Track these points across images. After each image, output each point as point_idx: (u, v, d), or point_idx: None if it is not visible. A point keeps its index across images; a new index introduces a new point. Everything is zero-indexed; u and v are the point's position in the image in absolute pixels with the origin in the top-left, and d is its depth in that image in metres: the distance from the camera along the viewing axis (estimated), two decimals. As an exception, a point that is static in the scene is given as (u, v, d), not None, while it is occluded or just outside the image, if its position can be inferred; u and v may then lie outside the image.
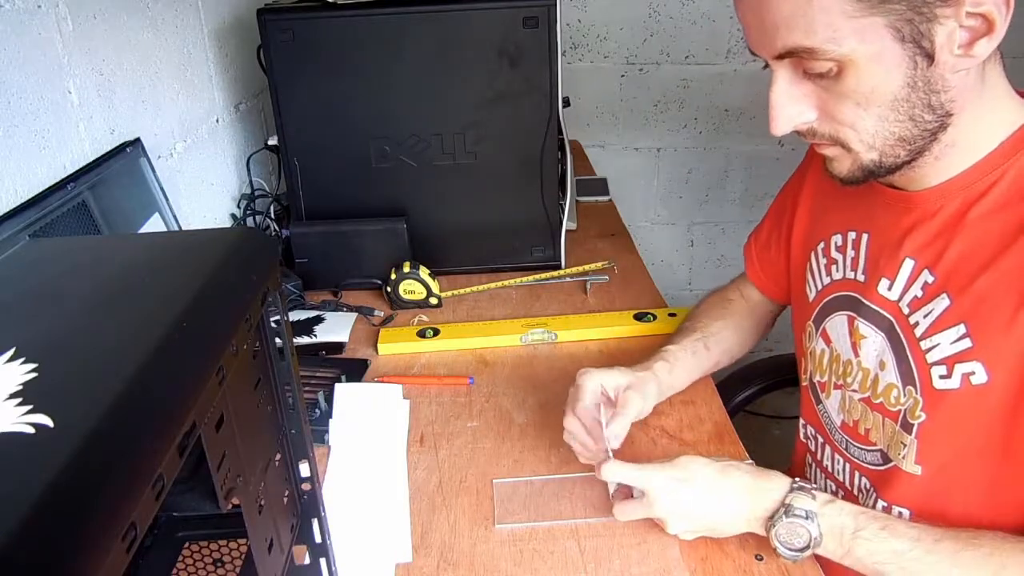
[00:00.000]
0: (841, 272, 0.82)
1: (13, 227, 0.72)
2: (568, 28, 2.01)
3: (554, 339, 1.10)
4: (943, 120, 0.65)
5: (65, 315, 0.40)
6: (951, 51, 0.61)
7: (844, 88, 0.64)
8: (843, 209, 0.82)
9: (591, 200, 1.62)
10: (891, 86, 0.63)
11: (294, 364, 0.53)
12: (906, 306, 0.73)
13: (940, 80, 0.63)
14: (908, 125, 0.65)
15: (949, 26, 0.60)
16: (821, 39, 0.61)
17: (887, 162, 0.68)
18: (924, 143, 0.66)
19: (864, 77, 0.62)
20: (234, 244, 0.49)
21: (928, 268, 0.71)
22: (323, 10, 1.13)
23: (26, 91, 0.79)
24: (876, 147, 0.67)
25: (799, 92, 0.66)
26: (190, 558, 0.60)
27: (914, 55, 0.61)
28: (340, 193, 1.24)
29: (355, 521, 0.78)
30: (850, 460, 0.84)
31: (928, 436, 0.72)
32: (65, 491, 0.27)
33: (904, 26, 0.60)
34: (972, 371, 0.67)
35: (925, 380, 0.71)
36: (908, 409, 0.73)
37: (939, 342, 0.70)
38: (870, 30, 0.60)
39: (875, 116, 0.65)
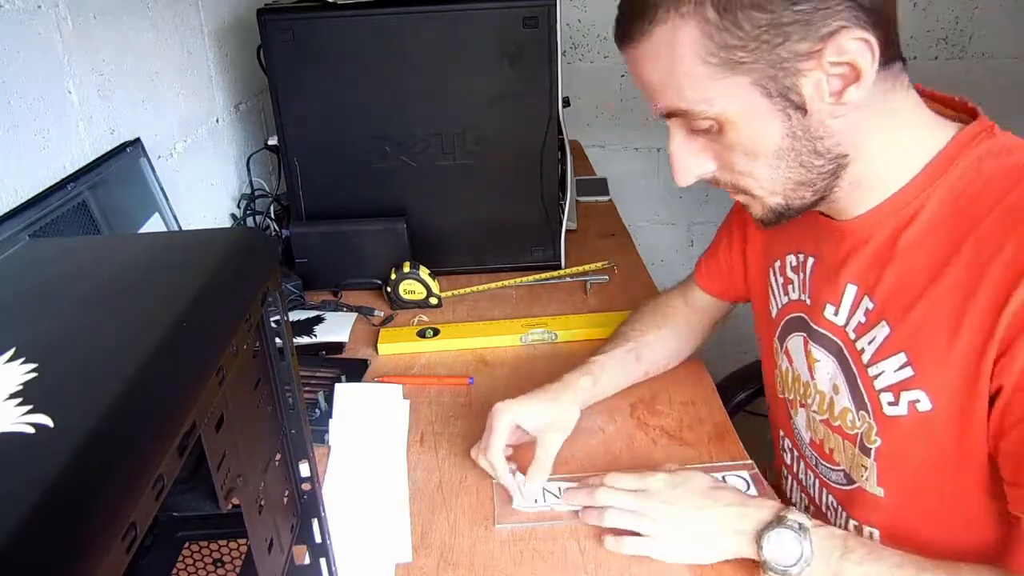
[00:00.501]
0: (796, 293, 0.81)
1: (13, 227, 0.72)
2: (568, 28, 2.01)
3: (554, 339, 1.10)
4: (838, 162, 0.65)
5: (65, 315, 0.40)
6: (822, 100, 0.61)
7: (729, 142, 0.65)
8: (794, 230, 0.80)
9: (591, 200, 1.62)
10: (772, 138, 0.63)
11: (294, 364, 0.53)
12: (852, 331, 0.72)
13: (820, 127, 0.63)
14: (801, 171, 0.65)
15: (815, 77, 0.60)
16: (692, 101, 0.63)
17: (795, 204, 0.68)
18: (825, 183, 0.67)
19: (743, 132, 0.64)
20: (234, 244, 0.49)
21: (868, 294, 0.71)
22: (323, 10, 1.13)
23: (26, 91, 0.79)
24: (778, 192, 0.67)
25: (695, 146, 0.68)
26: (190, 558, 0.60)
27: (785, 108, 0.62)
28: (340, 193, 1.24)
29: (355, 521, 0.78)
30: (819, 477, 0.83)
31: (886, 460, 0.72)
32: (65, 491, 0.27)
33: (768, 83, 0.60)
34: (917, 399, 0.67)
35: (876, 406, 0.71)
36: (864, 433, 0.73)
37: (884, 369, 0.69)
38: (737, 89, 0.61)
39: (766, 165, 0.65)
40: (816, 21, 0.58)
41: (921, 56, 2.07)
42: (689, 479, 0.75)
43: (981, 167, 0.64)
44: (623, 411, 0.94)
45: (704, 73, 0.61)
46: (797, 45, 0.59)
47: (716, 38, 0.59)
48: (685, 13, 0.60)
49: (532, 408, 0.84)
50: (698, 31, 0.60)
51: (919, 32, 2.05)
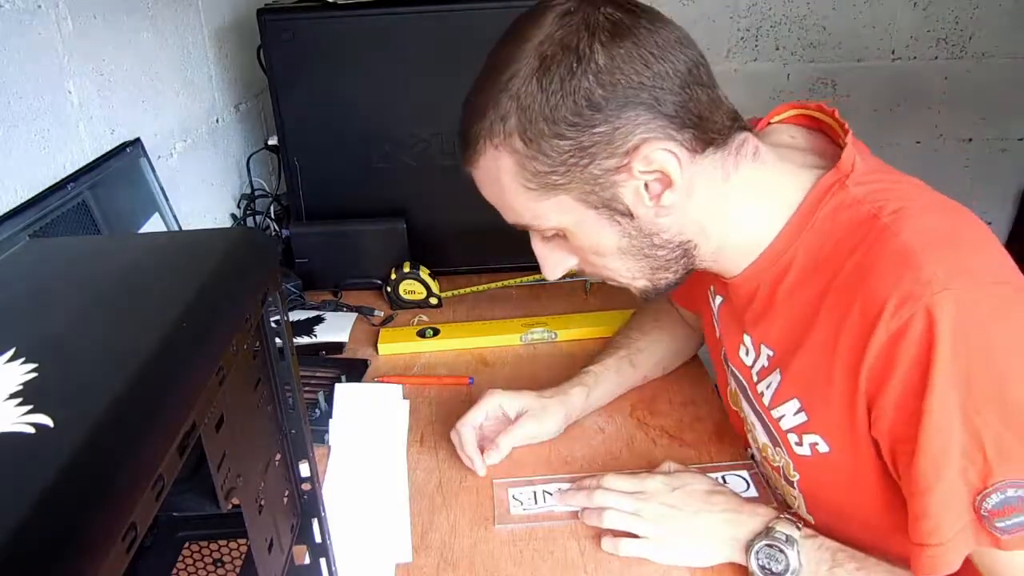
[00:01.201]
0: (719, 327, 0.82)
1: (13, 227, 0.72)
2: (568, 28, 2.01)
3: (554, 338, 1.10)
4: (683, 248, 0.68)
5: (65, 315, 0.40)
6: (644, 205, 0.64)
7: (575, 246, 0.69)
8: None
9: (591, 200, 1.62)
10: (610, 241, 0.67)
11: (294, 364, 0.53)
12: (755, 374, 0.74)
13: (651, 225, 0.65)
14: (649, 261, 0.68)
15: (632, 185, 0.63)
16: (528, 219, 0.67)
17: (661, 284, 0.71)
18: (682, 264, 0.70)
19: (583, 238, 0.67)
20: (234, 244, 0.49)
21: (763, 343, 0.73)
22: (323, 10, 1.13)
23: (26, 91, 0.79)
24: (639, 278, 0.71)
25: (552, 246, 0.71)
26: (190, 558, 0.60)
27: (612, 216, 0.65)
28: (340, 193, 1.24)
29: (355, 521, 0.78)
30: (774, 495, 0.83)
31: (807, 492, 0.74)
32: (65, 491, 0.27)
33: (589, 197, 0.63)
34: (815, 442, 0.69)
35: (786, 444, 0.72)
36: (784, 467, 0.75)
37: (784, 413, 0.71)
38: (563, 205, 0.64)
39: (615, 260, 0.69)
40: (617, 139, 0.61)
41: (921, 56, 2.07)
42: (688, 482, 0.76)
43: (835, 220, 0.65)
44: (623, 411, 0.94)
45: (528, 195, 0.64)
46: (605, 162, 0.62)
47: (528, 166, 0.63)
48: (498, 144, 0.63)
49: (518, 398, 0.88)
50: (512, 160, 0.63)
51: (919, 32, 2.05)
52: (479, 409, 0.87)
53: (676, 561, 0.72)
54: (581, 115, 0.60)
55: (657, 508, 0.73)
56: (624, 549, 0.73)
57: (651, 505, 0.74)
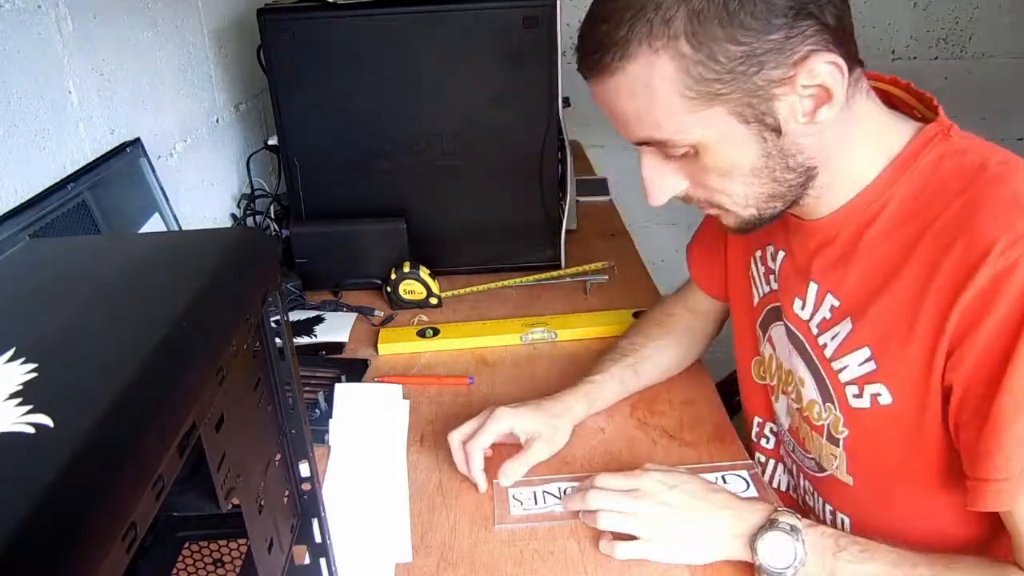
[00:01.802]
0: (775, 283, 0.83)
1: (13, 227, 0.72)
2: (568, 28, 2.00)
3: (554, 338, 1.10)
4: (808, 174, 0.67)
5: (65, 315, 0.40)
6: (796, 121, 0.63)
7: (704, 165, 0.66)
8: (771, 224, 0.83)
9: (591, 200, 1.62)
10: (747, 160, 0.65)
11: (294, 364, 0.53)
12: (815, 327, 0.74)
13: (793, 146, 0.64)
14: (773, 186, 0.67)
15: (789, 100, 0.62)
16: (669, 132, 0.64)
17: (767, 214, 0.70)
18: (795, 194, 0.68)
19: (719, 157, 0.65)
20: (234, 244, 0.49)
21: (831, 292, 0.72)
22: (323, 10, 1.13)
23: (26, 91, 0.79)
24: (751, 205, 0.69)
25: (668, 168, 0.69)
26: (190, 558, 0.60)
27: (760, 132, 0.63)
28: (340, 193, 1.24)
29: (355, 521, 0.78)
30: (796, 462, 0.85)
31: (854, 450, 0.74)
32: (65, 491, 0.27)
33: (745, 110, 0.62)
34: (878, 393, 0.69)
35: (841, 399, 0.72)
36: (830, 424, 0.75)
37: (848, 364, 0.71)
38: (713, 118, 0.62)
39: (740, 183, 0.67)
40: (787, 48, 0.59)
41: (921, 56, 2.07)
42: (683, 480, 0.75)
43: (938, 167, 0.66)
44: (623, 411, 0.94)
45: (681, 106, 0.62)
46: (771, 72, 0.60)
47: (692, 72, 0.60)
48: (659, 48, 0.60)
49: (529, 421, 0.85)
50: (673, 66, 0.60)
51: (919, 32, 2.05)
52: (489, 432, 0.83)
53: (675, 559, 0.72)
54: (759, 19, 0.58)
55: (654, 507, 0.73)
56: (621, 552, 0.72)
57: (647, 504, 0.73)
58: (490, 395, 0.99)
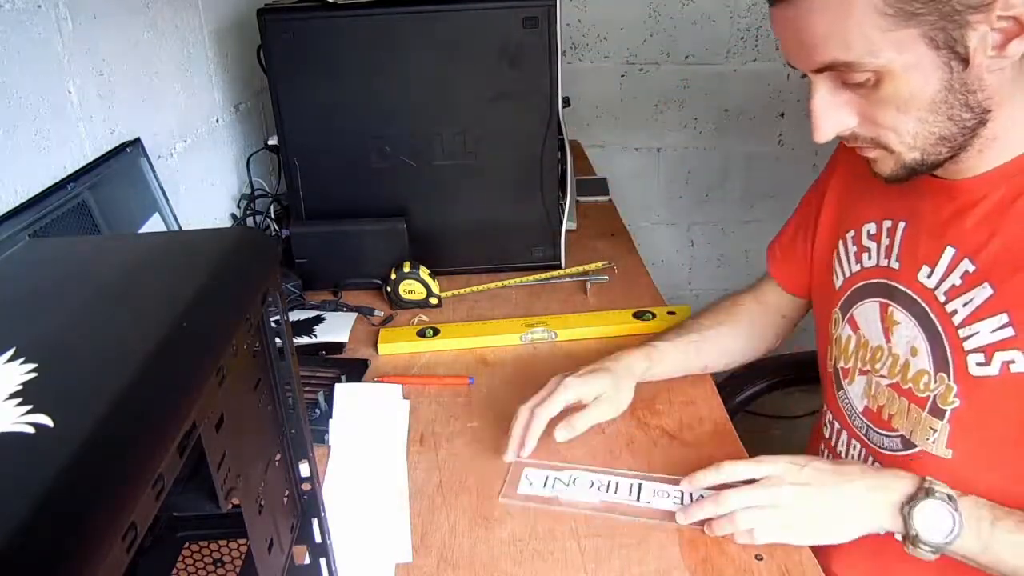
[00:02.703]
0: (875, 260, 0.82)
1: (13, 227, 0.72)
2: (568, 28, 2.01)
3: (554, 338, 1.10)
4: (982, 117, 0.66)
5: (65, 315, 0.40)
6: (985, 53, 0.62)
7: (883, 95, 0.65)
8: (877, 198, 0.82)
9: (591, 200, 1.62)
10: (929, 90, 0.64)
11: (294, 364, 0.53)
12: (943, 294, 0.73)
13: (976, 81, 0.63)
14: (947, 125, 0.66)
15: (981, 30, 0.61)
16: (858, 53, 0.63)
17: (930, 160, 0.69)
18: (964, 140, 0.67)
19: (902, 85, 0.64)
20: (234, 244, 0.49)
21: (969, 257, 0.71)
22: (323, 10, 1.13)
23: (26, 91, 0.79)
24: (918, 147, 0.68)
25: (839, 100, 0.68)
26: (190, 558, 0.60)
27: (949, 60, 0.62)
28: (340, 193, 1.24)
29: (355, 521, 0.78)
30: (867, 446, 0.84)
31: (961, 422, 0.72)
32: (65, 491, 0.27)
33: (938, 34, 0.61)
34: (1012, 359, 0.68)
35: (960, 367, 0.71)
36: (939, 395, 0.74)
37: (979, 330, 0.70)
38: (905, 41, 0.61)
39: (915, 119, 0.66)
40: None
41: (921, 56, 2.07)
42: (808, 460, 0.74)
43: None
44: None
45: (877, 24, 0.61)
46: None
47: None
48: None
49: (594, 387, 0.87)
50: None
51: (919, 32, 2.05)
52: (557, 403, 0.84)
53: (818, 540, 0.71)
54: None
55: (793, 490, 0.71)
56: (762, 536, 0.71)
57: (785, 489, 0.72)
58: (490, 395, 0.99)
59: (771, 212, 2.28)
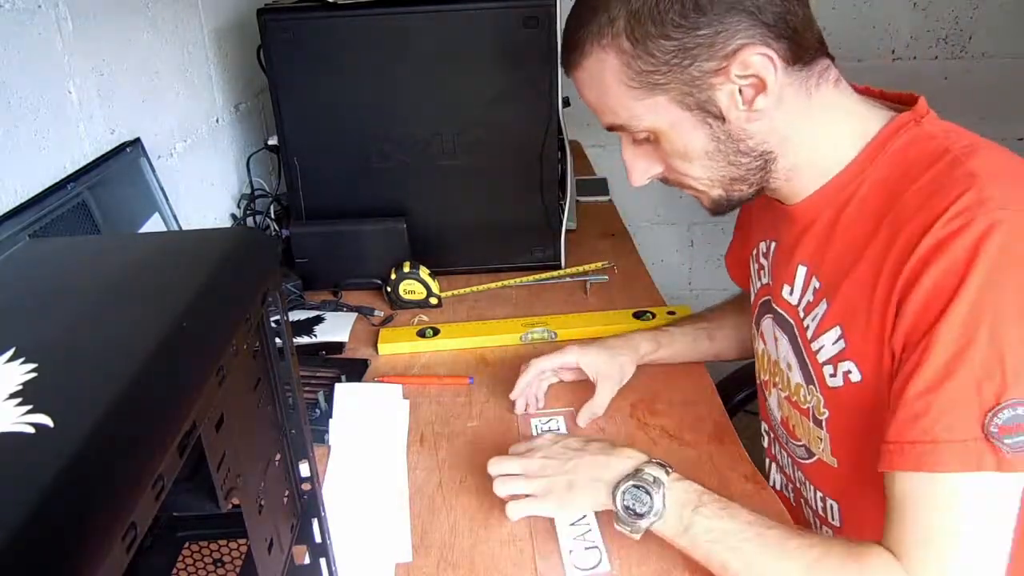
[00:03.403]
0: (766, 277, 0.86)
1: (13, 227, 0.72)
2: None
3: (554, 338, 1.10)
4: (764, 158, 0.72)
5: (65, 315, 0.40)
6: (737, 108, 0.68)
7: (665, 150, 0.73)
8: (763, 219, 0.87)
9: (591, 200, 1.62)
10: (698, 144, 0.71)
11: (294, 364, 0.53)
12: (802, 310, 0.77)
13: (740, 131, 0.69)
14: (731, 169, 0.72)
15: (727, 89, 0.67)
16: (624, 118, 0.72)
17: (735, 196, 0.75)
18: (757, 177, 0.73)
19: (674, 141, 0.71)
20: (234, 244, 0.49)
21: (815, 274, 0.75)
22: (323, 10, 1.13)
23: (26, 91, 0.79)
24: (716, 186, 0.74)
25: (641, 152, 0.75)
26: (190, 558, 0.60)
27: (704, 119, 0.69)
28: (340, 193, 1.24)
29: (355, 521, 0.78)
30: (790, 454, 0.87)
31: (835, 430, 0.76)
32: (65, 491, 0.27)
33: (686, 98, 0.68)
34: (849, 370, 0.71)
35: (820, 379, 0.75)
36: (814, 406, 0.77)
37: (824, 343, 0.73)
38: (659, 106, 0.69)
39: (699, 166, 0.73)
40: (719, 43, 0.65)
41: (921, 56, 2.07)
42: (569, 436, 0.80)
43: (907, 152, 0.68)
44: (623, 411, 0.94)
45: (628, 95, 0.69)
46: (705, 64, 0.66)
47: (633, 65, 0.67)
48: (605, 45, 0.68)
49: (593, 356, 0.94)
50: (617, 60, 0.68)
51: (919, 32, 2.05)
52: (554, 358, 0.94)
53: (556, 512, 0.75)
54: (687, 18, 0.64)
55: (538, 462, 0.76)
56: (513, 511, 0.74)
57: (533, 461, 0.76)
58: (490, 395, 0.99)
59: (771, 212, 2.28)
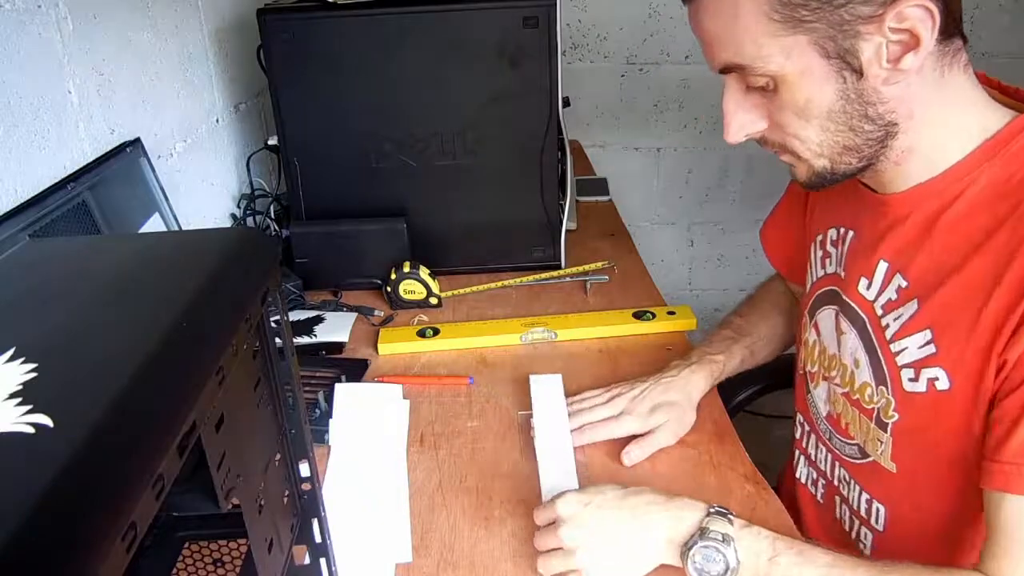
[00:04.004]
0: (834, 267, 0.83)
1: (13, 227, 0.72)
2: (568, 28, 2.01)
3: (554, 338, 1.10)
4: (887, 130, 0.66)
5: (65, 315, 0.40)
6: (880, 65, 0.62)
7: (782, 101, 0.66)
8: (838, 204, 0.83)
9: (591, 200, 1.62)
10: (824, 99, 0.64)
11: (294, 364, 0.53)
12: (880, 307, 0.74)
13: (873, 92, 0.63)
14: (849, 135, 0.66)
15: (875, 41, 0.61)
16: (750, 57, 0.64)
17: (840, 169, 0.69)
18: (872, 151, 0.67)
19: (797, 91, 0.64)
20: (234, 244, 0.49)
21: (900, 272, 0.72)
22: (323, 10, 1.13)
23: (26, 91, 0.79)
24: (824, 155, 0.68)
25: (748, 103, 0.69)
26: (190, 558, 0.60)
27: (841, 70, 0.62)
28: (340, 193, 1.24)
29: (355, 521, 0.78)
30: (832, 451, 0.85)
31: (902, 436, 0.73)
32: (65, 491, 0.27)
33: (827, 43, 0.61)
34: (936, 377, 0.68)
35: (896, 381, 0.72)
36: (881, 408, 0.74)
37: (907, 346, 0.70)
38: (795, 48, 0.62)
39: (816, 127, 0.66)
40: None
41: (921, 56, 2.07)
42: (599, 491, 0.72)
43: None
44: (623, 411, 0.94)
45: (764, 30, 0.62)
46: (860, 8, 0.59)
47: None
48: None
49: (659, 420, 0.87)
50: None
51: (919, 32, 2.05)
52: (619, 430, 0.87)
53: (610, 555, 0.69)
54: None
55: (579, 533, 0.68)
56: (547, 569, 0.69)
57: (569, 531, 0.69)
58: (490, 395, 0.99)
59: (771, 212, 2.28)
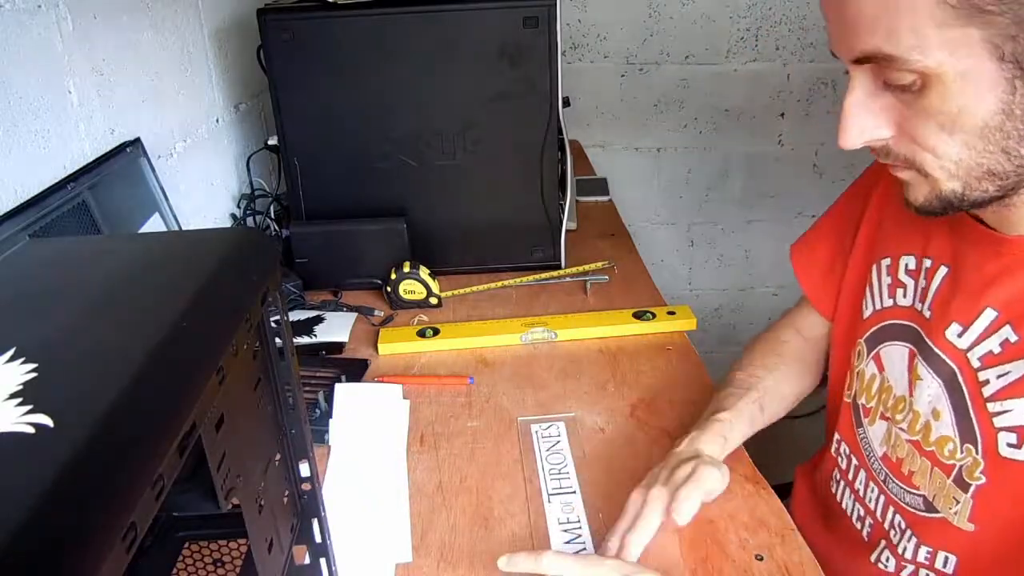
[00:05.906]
0: (909, 299, 0.73)
1: (13, 227, 0.72)
2: (568, 28, 2.01)
3: (554, 338, 1.10)
4: None
5: (65, 315, 0.40)
6: None
7: (927, 106, 0.55)
8: (921, 230, 0.72)
9: (591, 200, 1.62)
10: (982, 110, 0.53)
11: (294, 364, 0.53)
12: (977, 359, 0.65)
13: None
14: (999, 158, 0.55)
15: None
16: (905, 47, 0.53)
17: (972, 196, 0.58)
18: (1017, 180, 0.57)
19: (951, 96, 0.53)
20: (234, 244, 0.49)
21: (1012, 324, 0.62)
22: (323, 10, 1.13)
23: (26, 91, 0.79)
24: (959, 176, 0.57)
25: (877, 104, 0.58)
26: (190, 558, 0.60)
27: (1013, 77, 0.52)
28: (340, 193, 1.24)
29: (355, 521, 0.78)
30: (886, 494, 0.77)
31: (987, 499, 0.65)
32: (65, 491, 0.27)
33: (1005, 42, 0.50)
34: None
35: (990, 444, 0.64)
36: (965, 467, 0.66)
37: (1012, 408, 0.61)
38: (963, 43, 0.51)
39: (960, 143, 0.55)
40: None
41: (921, 56, 2.07)
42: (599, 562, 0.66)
43: None
44: (623, 411, 0.94)
45: (934, 16, 0.51)
46: None
47: None
48: None
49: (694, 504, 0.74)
50: None
51: (919, 32, 2.05)
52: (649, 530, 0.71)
53: None
54: None
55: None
56: None
57: None
58: (490, 395, 0.99)
59: (771, 212, 2.28)
